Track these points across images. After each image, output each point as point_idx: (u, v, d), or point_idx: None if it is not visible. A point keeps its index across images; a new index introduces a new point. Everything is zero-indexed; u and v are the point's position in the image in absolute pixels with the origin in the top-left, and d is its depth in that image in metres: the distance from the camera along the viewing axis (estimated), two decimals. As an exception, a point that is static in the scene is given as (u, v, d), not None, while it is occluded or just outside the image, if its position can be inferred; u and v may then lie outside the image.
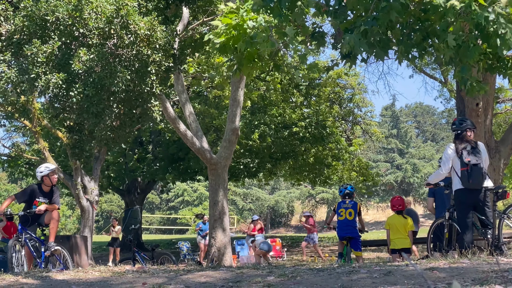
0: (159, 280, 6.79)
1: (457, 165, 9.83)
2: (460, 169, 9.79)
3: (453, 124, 10.33)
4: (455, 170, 9.89)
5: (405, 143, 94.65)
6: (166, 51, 13.48)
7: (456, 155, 9.88)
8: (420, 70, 35.10)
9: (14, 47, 12.27)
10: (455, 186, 9.92)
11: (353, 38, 7.15)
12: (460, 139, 9.99)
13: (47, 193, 11.89)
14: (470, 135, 10.06)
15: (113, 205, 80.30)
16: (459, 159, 9.80)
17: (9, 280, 7.36)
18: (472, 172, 9.61)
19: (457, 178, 9.86)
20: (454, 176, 9.94)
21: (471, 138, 10.04)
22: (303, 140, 30.62)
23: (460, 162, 9.77)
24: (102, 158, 25.36)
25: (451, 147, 10.04)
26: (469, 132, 10.08)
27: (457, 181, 9.85)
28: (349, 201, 13.68)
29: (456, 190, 9.91)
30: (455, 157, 9.88)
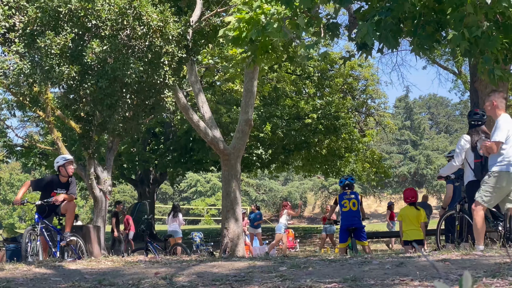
0: (171, 270, 6.82)
1: (471, 157, 9.76)
2: (474, 161, 9.73)
3: (475, 114, 10.13)
4: (467, 162, 9.83)
5: (419, 135, 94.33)
6: (179, 42, 13.49)
7: (470, 147, 9.81)
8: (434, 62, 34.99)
9: (27, 38, 12.31)
10: (468, 178, 9.86)
11: (366, 27, 7.14)
12: (477, 130, 9.89)
13: (65, 184, 11.94)
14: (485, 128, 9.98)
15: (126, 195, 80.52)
16: (473, 151, 9.73)
17: (22, 269, 7.40)
18: (486, 165, 9.55)
19: (469, 170, 9.80)
20: (467, 168, 9.88)
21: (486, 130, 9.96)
22: (316, 131, 30.59)
23: (474, 154, 9.70)
24: (115, 148, 25.40)
25: (465, 139, 9.93)
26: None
27: (470, 173, 9.80)
28: (350, 192, 13.72)
29: (468, 182, 9.86)
30: (469, 149, 9.81)
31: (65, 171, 11.91)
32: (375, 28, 7.19)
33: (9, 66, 12.26)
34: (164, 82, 13.54)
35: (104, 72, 12.32)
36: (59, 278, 6.60)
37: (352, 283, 5.38)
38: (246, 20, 9.04)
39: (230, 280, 5.91)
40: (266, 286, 5.41)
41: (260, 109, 29.05)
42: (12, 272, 7.18)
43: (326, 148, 31.81)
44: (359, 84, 34.54)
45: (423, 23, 7.40)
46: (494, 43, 7.04)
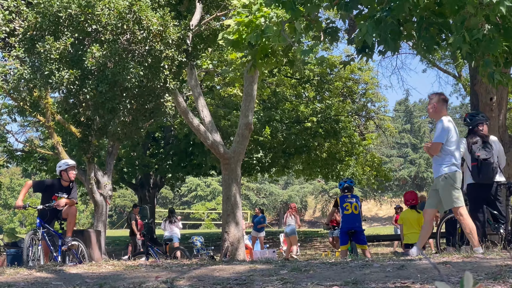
0: (172, 274, 6.82)
1: (469, 160, 9.86)
2: (471, 164, 9.81)
3: (464, 119, 10.34)
4: (467, 164, 9.91)
5: (419, 138, 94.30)
6: (179, 46, 13.51)
7: (467, 150, 9.90)
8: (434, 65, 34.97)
9: (27, 43, 12.33)
10: (467, 181, 9.93)
11: (365, 27, 7.15)
12: (472, 134, 10.01)
13: (66, 188, 11.96)
14: (482, 129, 10.03)
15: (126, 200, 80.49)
16: (470, 154, 9.82)
17: (23, 274, 7.41)
18: (482, 167, 9.62)
19: (468, 172, 9.89)
20: (466, 171, 9.95)
21: (484, 132, 10.02)
22: (315, 135, 30.59)
23: (471, 157, 9.79)
24: (115, 153, 25.41)
25: (463, 142, 10.04)
26: (481, 126, 10.05)
27: (469, 176, 9.89)
28: (351, 195, 13.73)
29: (468, 184, 9.92)
30: (467, 152, 9.90)
31: (67, 176, 11.93)
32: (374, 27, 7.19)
33: (10, 71, 12.28)
34: (164, 87, 13.55)
35: (104, 76, 12.33)
36: (60, 282, 6.60)
37: (353, 286, 5.38)
38: (246, 23, 9.06)
39: (231, 283, 5.91)
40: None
41: (260, 113, 29.05)
42: (13, 276, 7.18)
43: (326, 152, 31.80)
44: (359, 87, 34.53)
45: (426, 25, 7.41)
46: (495, 47, 7.04)
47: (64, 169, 11.93)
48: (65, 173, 11.93)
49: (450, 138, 9.07)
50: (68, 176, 11.94)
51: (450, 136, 9.07)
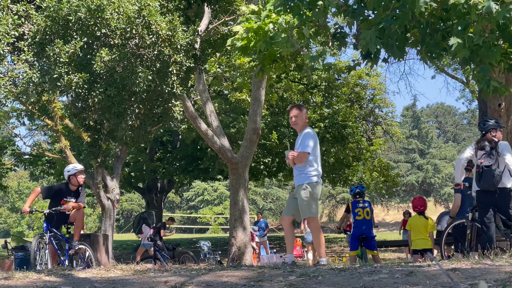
0: (180, 279, 6.82)
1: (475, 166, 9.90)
2: (475, 169, 9.84)
3: (478, 124, 10.34)
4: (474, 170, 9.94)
5: (426, 144, 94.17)
6: (188, 52, 13.52)
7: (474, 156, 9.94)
8: (442, 71, 34.95)
9: (36, 47, 12.35)
10: (474, 187, 9.94)
11: (369, 35, 7.15)
12: (482, 139, 9.99)
13: (74, 192, 11.97)
14: (494, 135, 9.98)
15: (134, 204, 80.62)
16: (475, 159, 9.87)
17: (32, 278, 7.41)
18: (483, 174, 9.62)
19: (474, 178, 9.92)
20: (474, 176, 9.97)
21: (496, 138, 9.96)
22: (323, 140, 30.57)
23: (476, 163, 9.83)
24: (123, 157, 25.46)
25: (472, 145, 10.09)
26: (493, 132, 10.00)
27: (474, 182, 9.91)
28: (363, 200, 13.72)
29: (475, 190, 9.93)
30: (474, 157, 9.93)
31: (76, 181, 11.94)
32: (378, 36, 7.20)
33: (19, 75, 12.30)
34: (172, 91, 13.56)
35: (112, 80, 12.35)
36: (69, 286, 6.61)
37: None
38: (254, 29, 9.07)
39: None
40: (275, 295, 5.41)
41: (267, 118, 29.06)
42: (22, 280, 7.19)
43: (333, 157, 31.76)
44: (366, 93, 34.50)
45: (431, 31, 7.40)
46: (494, 54, 7.04)
47: (73, 173, 11.94)
48: (73, 177, 11.94)
49: (314, 149, 9.39)
50: (77, 181, 11.96)
51: (314, 147, 9.39)
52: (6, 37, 11.84)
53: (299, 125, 9.65)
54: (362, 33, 7.44)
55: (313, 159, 9.38)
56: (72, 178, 11.94)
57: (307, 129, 9.56)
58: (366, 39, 7.21)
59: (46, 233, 11.29)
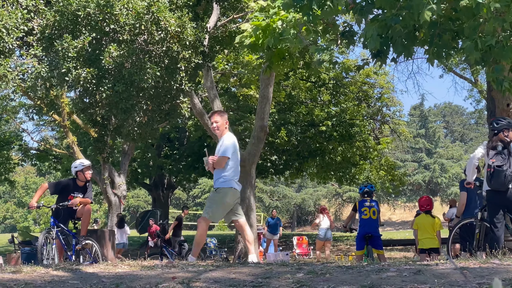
0: (188, 275, 6.81)
1: (486, 165, 9.83)
2: (486, 169, 9.77)
3: (490, 123, 10.24)
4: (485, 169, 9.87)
5: (433, 143, 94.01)
6: (196, 48, 13.52)
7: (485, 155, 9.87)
8: (450, 70, 34.85)
9: (45, 42, 12.37)
10: (485, 187, 9.88)
11: (371, 30, 7.14)
12: (494, 139, 9.91)
13: (81, 188, 11.99)
14: (507, 135, 9.91)
15: (140, 200, 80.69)
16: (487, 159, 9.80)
17: (40, 272, 7.43)
18: (494, 174, 9.56)
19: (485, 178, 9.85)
20: (485, 176, 9.91)
21: (509, 138, 9.89)
22: (330, 138, 30.54)
23: (487, 163, 9.76)
24: (130, 153, 25.49)
25: (484, 144, 10.02)
26: (506, 132, 9.93)
27: (485, 181, 9.85)
28: (370, 200, 13.71)
29: (486, 190, 9.87)
30: (485, 156, 9.87)
31: (83, 176, 11.97)
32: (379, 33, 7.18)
33: (27, 69, 12.33)
34: (180, 88, 13.57)
35: (121, 76, 12.36)
36: (77, 281, 6.61)
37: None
38: (263, 27, 9.06)
39: (247, 285, 5.91)
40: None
41: (274, 115, 29.04)
42: (30, 274, 7.20)
43: (340, 156, 31.71)
44: (374, 91, 34.45)
45: (439, 31, 7.38)
46: (508, 54, 7.02)
47: (80, 169, 11.95)
48: (81, 173, 11.96)
49: (233, 154, 9.66)
50: (84, 176, 11.98)
51: (233, 152, 9.66)
52: (15, 31, 11.87)
53: (219, 131, 9.93)
54: (365, 27, 7.44)
55: (232, 165, 9.66)
56: (79, 174, 11.96)
57: (227, 135, 9.84)
58: (368, 34, 7.20)
59: (53, 228, 11.32)
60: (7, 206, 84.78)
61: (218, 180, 9.64)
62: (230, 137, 9.82)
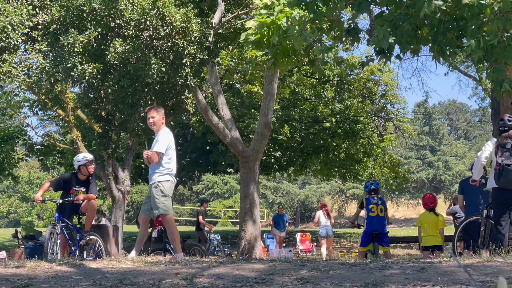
0: (191, 271, 6.82)
1: (494, 162, 9.75)
2: (494, 166, 9.70)
3: (500, 120, 10.10)
4: (493, 167, 9.81)
5: (437, 141, 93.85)
6: (201, 44, 13.52)
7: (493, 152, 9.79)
8: (455, 68, 34.83)
9: (50, 37, 12.38)
10: (492, 184, 9.83)
11: (382, 31, 7.15)
12: (503, 136, 9.81)
13: (84, 182, 12.00)
14: None
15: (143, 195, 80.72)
16: (495, 156, 9.71)
17: (43, 267, 7.44)
18: (503, 172, 9.50)
19: (492, 175, 9.79)
20: (491, 173, 9.85)
21: None
22: (334, 135, 30.53)
23: (496, 160, 9.68)
24: (134, 148, 25.48)
25: (492, 141, 9.93)
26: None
27: (492, 179, 9.78)
28: (377, 197, 13.72)
29: (492, 188, 9.82)
30: (493, 153, 9.78)
31: (86, 170, 11.98)
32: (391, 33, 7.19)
33: (32, 65, 12.34)
34: (185, 84, 13.57)
35: (126, 71, 12.37)
36: (80, 276, 6.63)
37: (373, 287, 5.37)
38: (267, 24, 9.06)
39: (251, 282, 5.91)
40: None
41: (278, 112, 29.03)
42: (34, 269, 7.21)
43: (344, 152, 31.69)
44: (378, 88, 34.42)
45: (443, 30, 7.38)
46: (510, 54, 7.01)
47: (83, 163, 11.96)
48: (83, 167, 11.97)
49: (169, 149, 9.96)
50: (87, 170, 11.99)
51: (169, 147, 9.96)
52: (21, 27, 11.88)
53: (156, 126, 10.17)
54: (376, 29, 7.45)
55: (167, 159, 9.93)
56: (82, 168, 11.98)
57: (163, 130, 10.11)
58: (379, 35, 7.21)
59: (58, 223, 11.33)
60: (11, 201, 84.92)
61: (154, 174, 9.89)
62: (165, 132, 10.07)
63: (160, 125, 10.15)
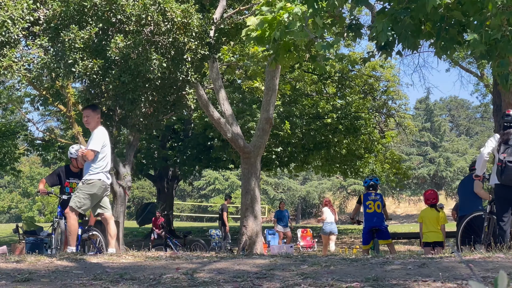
0: (192, 266, 6.82)
1: (496, 159, 9.74)
2: (497, 163, 9.70)
3: (506, 115, 10.05)
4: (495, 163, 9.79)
5: (439, 137, 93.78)
6: (202, 39, 13.50)
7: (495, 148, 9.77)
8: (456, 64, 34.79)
9: (51, 32, 12.36)
10: (494, 180, 9.82)
11: (382, 24, 7.14)
12: (506, 132, 9.77)
13: (77, 174, 12.00)
14: None
15: (145, 191, 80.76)
16: (498, 153, 9.69)
17: (44, 262, 7.44)
18: (505, 169, 9.48)
19: (495, 171, 9.78)
20: (494, 170, 9.84)
21: None
22: (335, 131, 30.52)
23: (498, 157, 9.67)
24: (135, 144, 25.47)
25: (495, 138, 9.89)
26: None
27: (494, 175, 9.78)
28: (375, 193, 13.75)
29: (495, 184, 9.81)
30: (496, 150, 9.76)
31: (76, 164, 11.98)
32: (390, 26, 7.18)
33: (33, 60, 12.32)
34: (186, 79, 13.56)
35: (127, 67, 12.35)
36: (81, 271, 6.63)
37: (374, 283, 5.36)
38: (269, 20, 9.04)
39: (252, 277, 5.91)
40: (287, 284, 5.40)
41: (279, 108, 29.01)
42: (34, 264, 7.22)
43: (345, 148, 31.69)
44: (380, 84, 34.39)
45: (446, 25, 7.36)
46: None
47: (74, 157, 11.96)
48: (75, 161, 11.98)
49: (104, 147, 10.11)
50: (77, 164, 11.99)
51: (104, 145, 10.11)
52: (21, 22, 11.86)
53: (91, 125, 10.32)
54: (375, 22, 7.44)
55: (102, 157, 10.08)
56: (72, 160, 12.01)
57: (98, 128, 10.24)
58: (378, 28, 7.20)
59: (60, 218, 11.35)
60: (12, 196, 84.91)
61: (87, 171, 10.08)
62: (100, 131, 10.20)
63: (95, 123, 10.27)
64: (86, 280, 5.90)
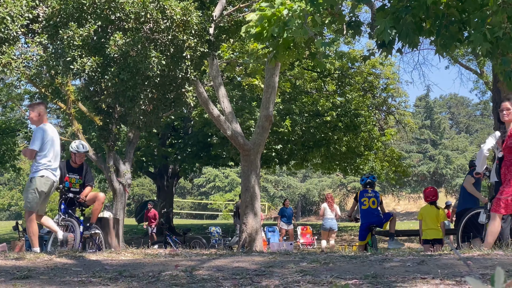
0: (191, 263, 6.83)
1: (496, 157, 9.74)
2: (496, 161, 9.70)
3: None
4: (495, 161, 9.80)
5: (438, 134, 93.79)
6: (202, 37, 13.49)
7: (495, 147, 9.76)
8: (456, 61, 34.79)
9: (50, 29, 12.35)
10: (493, 178, 9.82)
11: (384, 24, 7.13)
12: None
13: (77, 169, 12.02)
14: None
15: (145, 189, 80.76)
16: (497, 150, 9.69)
17: (43, 259, 7.44)
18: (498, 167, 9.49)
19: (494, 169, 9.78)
20: (493, 167, 9.84)
21: None
22: (335, 128, 30.52)
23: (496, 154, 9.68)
24: (135, 141, 25.47)
25: (495, 135, 9.86)
26: None
27: (494, 172, 9.78)
28: (371, 190, 13.76)
29: (495, 181, 9.81)
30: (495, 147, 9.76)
31: (75, 160, 12.02)
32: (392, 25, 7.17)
33: (32, 57, 12.32)
34: (186, 77, 13.55)
35: (126, 64, 12.34)
36: (80, 268, 6.63)
37: (372, 280, 5.36)
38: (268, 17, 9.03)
39: (251, 274, 5.91)
40: (286, 281, 5.40)
41: (279, 105, 29.00)
42: (33, 261, 7.22)
43: (345, 146, 31.70)
44: (380, 82, 34.38)
45: (446, 23, 7.35)
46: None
47: (74, 152, 11.99)
48: (73, 156, 12.01)
49: (44, 144, 10.00)
50: (75, 160, 12.02)
51: (45, 143, 10.01)
52: (20, 19, 11.86)
53: (33, 122, 10.33)
54: (377, 22, 7.43)
55: (42, 155, 9.99)
56: (72, 155, 12.05)
57: (38, 127, 10.19)
58: (380, 27, 7.19)
59: (64, 215, 11.39)
60: (12, 194, 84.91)
61: (31, 169, 10.08)
62: (39, 129, 10.12)
63: (36, 121, 10.23)
64: (85, 277, 5.90)
